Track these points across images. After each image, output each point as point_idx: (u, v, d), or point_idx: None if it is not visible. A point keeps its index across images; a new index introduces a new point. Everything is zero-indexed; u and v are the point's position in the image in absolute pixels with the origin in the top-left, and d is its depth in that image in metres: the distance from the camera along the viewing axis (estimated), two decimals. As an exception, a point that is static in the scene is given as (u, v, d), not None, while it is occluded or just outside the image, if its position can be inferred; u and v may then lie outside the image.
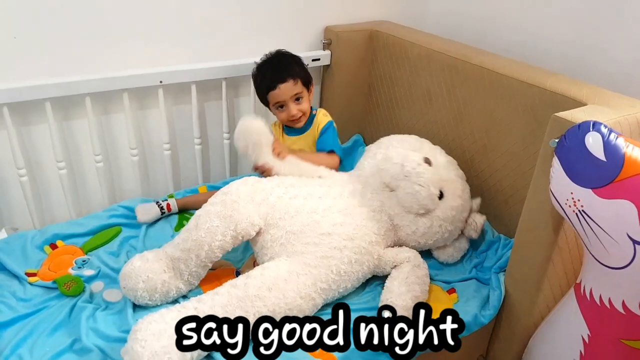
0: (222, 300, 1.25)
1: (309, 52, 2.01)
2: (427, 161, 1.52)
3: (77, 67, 1.60)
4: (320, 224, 1.42)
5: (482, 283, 1.53)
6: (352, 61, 2.02)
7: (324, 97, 2.14)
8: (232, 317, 1.20)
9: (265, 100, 1.73)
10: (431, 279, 1.51)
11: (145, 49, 1.70)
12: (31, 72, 1.54)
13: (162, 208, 1.72)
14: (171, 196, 1.82)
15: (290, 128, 1.79)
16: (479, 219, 1.59)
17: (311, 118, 1.79)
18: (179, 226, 1.73)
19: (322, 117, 1.78)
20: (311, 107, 1.79)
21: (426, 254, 1.60)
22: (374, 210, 1.52)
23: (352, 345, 1.24)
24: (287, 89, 1.68)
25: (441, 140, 1.79)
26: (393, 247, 1.54)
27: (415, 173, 1.46)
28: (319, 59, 1.99)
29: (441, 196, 1.53)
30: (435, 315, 1.36)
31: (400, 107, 1.96)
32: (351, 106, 2.11)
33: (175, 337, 1.13)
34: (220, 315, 1.21)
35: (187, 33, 1.76)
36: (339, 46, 1.98)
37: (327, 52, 2.01)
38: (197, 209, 1.48)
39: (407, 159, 1.49)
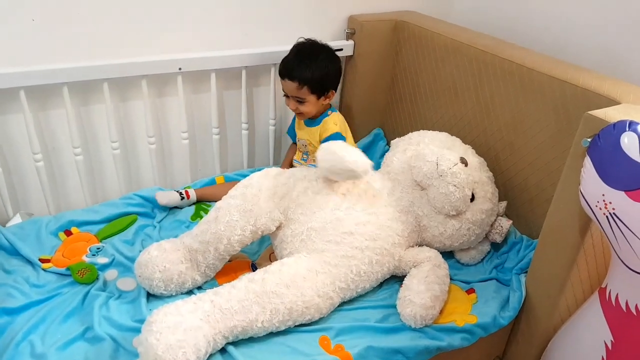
0: (239, 295, 1.22)
1: (331, 41, 1.95)
2: (464, 161, 1.47)
3: (95, 52, 1.59)
4: (343, 222, 1.38)
5: (502, 284, 1.50)
6: (376, 52, 1.98)
7: (345, 88, 2.10)
8: (248, 312, 1.20)
9: None
10: (450, 278, 1.48)
11: (165, 35, 1.67)
12: (48, 55, 1.53)
13: (181, 194, 1.72)
14: (189, 187, 1.80)
15: None
16: (505, 223, 1.55)
17: (322, 116, 1.78)
18: (196, 216, 1.72)
19: (331, 125, 1.77)
20: (329, 106, 1.79)
21: (446, 254, 1.57)
22: (401, 210, 1.48)
23: (368, 344, 1.23)
24: (290, 86, 1.68)
25: (466, 137, 1.74)
26: (414, 247, 1.51)
27: (450, 173, 1.41)
28: (341, 49, 1.95)
29: (472, 198, 1.49)
30: (453, 316, 1.35)
31: (424, 101, 1.91)
32: (373, 98, 2.07)
33: (190, 330, 1.12)
34: (236, 309, 1.20)
35: (207, 20, 1.73)
36: (363, 36, 1.94)
37: (350, 42, 1.97)
38: (215, 201, 1.46)
39: (442, 157, 1.44)
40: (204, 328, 1.15)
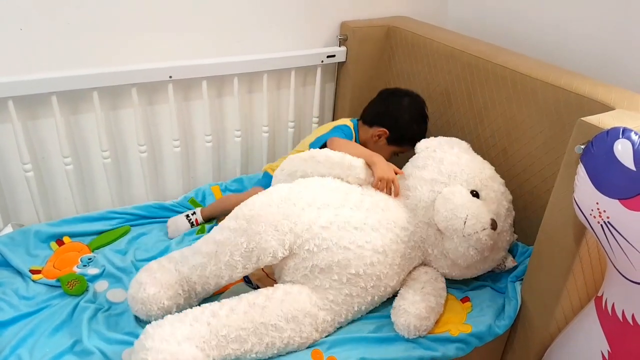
0: (237, 322, 1.17)
1: (324, 48, 1.97)
2: (494, 226, 1.35)
3: (84, 60, 1.57)
4: (352, 262, 1.29)
5: (496, 291, 1.49)
6: (369, 58, 1.97)
7: (338, 94, 2.09)
8: (244, 342, 1.17)
9: None
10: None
11: (155, 43, 1.66)
12: (37, 65, 1.51)
13: (191, 223, 1.67)
14: (196, 204, 1.79)
15: None
16: (509, 264, 1.50)
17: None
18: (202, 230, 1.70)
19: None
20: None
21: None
22: (412, 247, 1.40)
23: (361, 355, 1.21)
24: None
25: (459, 143, 1.73)
26: None
27: (476, 238, 1.33)
28: (334, 55, 1.95)
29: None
30: (448, 326, 1.33)
31: (417, 107, 1.90)
32: (366, 104, 2.03)
33: None
34: (233, 337, 1.16)
35: (198, 27, 1.71)
36: (355, 42, 1.93)
37: (343, 48, 1.96)
38: (224, 214, 1.40)
39: (472, 218, 1.32)
40: (198, 358, 1.11)
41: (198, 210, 1.70)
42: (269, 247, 1.26)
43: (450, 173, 1.43)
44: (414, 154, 1.56)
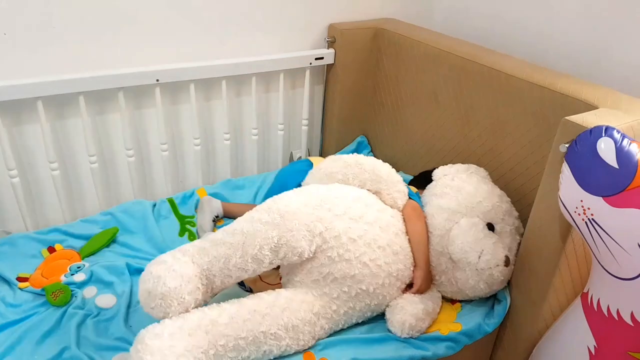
0: (236, 330, 1.15)
1: (312, 50, 1.97)
2: (507, 262, 1.35)
3: (70, 64, 1.56)
4: (366, 279, 1.29)
5: (487, 291, 1.49)
6: (357, 60, 1.98)
7: (327, 97, 2.10)
8: (242, 351, 1.16)
9: None
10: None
11: (141, 46, 1.65)
12: (22, 70, 1.50)
13: (215, 223, 1.71)
14: (173, 204, 1.79)
15: None
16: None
17: None
18: (183, 231, 1.70)
19: None
20: None
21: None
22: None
23: (352, 356, 1.22)
24: None
25: (447, 143, 1.75)
26: None
27: (489, 274, 1.33)
28: (322, 58, 1.95)
29: None
30: (438, 325, 1.34)
31: (406, 108, 1.91)
32: (355, 106, 2.07)
33: None
34: (231, 347, 1.14)
35: (185, 30, 1.71)
36: (343, 44, 1.94)
37: (331, 50, 1.96)
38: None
39: (487, 252, 1.32)
40: None
41: (220, 209, 1.73)
42: (298, 247, 1.24)
43: (468, 204, 1.42)
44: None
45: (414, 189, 1.56)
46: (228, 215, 1.75)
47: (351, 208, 1.34)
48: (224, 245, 1.22)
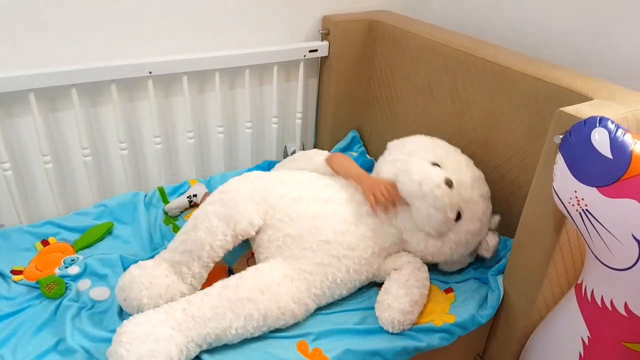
0: (212, 302, 1.20)
1: (306, 42, 1.96)
2: (448, 182, 1.38)
3: (61, 57, 1.55)
4: (321, 230, 1.36)
5: (480, 282, 1.50)
6: (351, 52, 1.97)
7: (321, 89, 2.09)
8: (222, 319, 1.18)
9: None
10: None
11: (134, 38, 1.64)
12: (13, 62, 1.49)
13: (190, 201, 1.73)
14: (163, 194, 1.78)
15: None
16: (492, 240, 1.50)
17: None
18: (168, 220, 1.70)
19: None
20: None
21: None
22: (383, 221, 1.45)
23: (346, 347, 1.22)
24: None
25: (442, 135, 1.73)
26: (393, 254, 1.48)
27: (432, 196, 1.36)
28: (316, 50, 1.94)
29: (458, 217, 1.43)
30: (431, 316, 1.35)
31: (401, 101, 1.91)
32: (349, 99, 2.06)
33: (161, 340, 1.10)
34: (210, 316, 1.18)
35: (178, 22, 1.70)
36: (338, 37, 1.92)
37: (325, 42, 1.95)
38: None
39: (426, 177, 1.37)
40: (176, 337, 1.12)
41: (202, 194, 1.72)
42: (245, 212, 1.34)
43: (410, 152, 1.53)
44: None
45: None
46: None
47: (288, 178, 1.48)
48: (181, 234, 1.35)
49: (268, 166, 1.97)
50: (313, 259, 1.33)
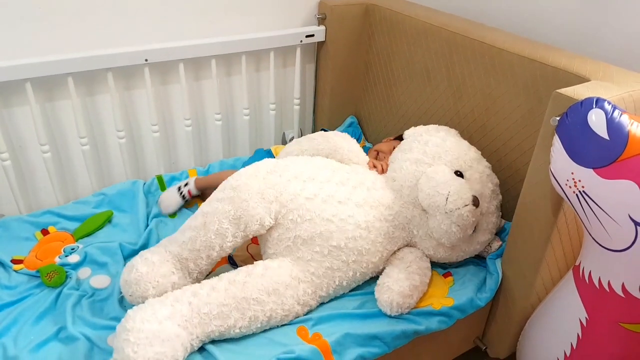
0: (219, 298, 1.19)
1: (302, 27, 1.94)
2: (476, 203, 1.35)
3: (57, 45, 1.54)
4: (334, 235, 1.32)
5: (479, 266, 1.51)
6: (348, 37, 1.95)
7: (318, 75, 2.08)
8: (227, 318, 1.18)
9: None
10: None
11: (129, 25, 1.63)
12: (9, 51, 1.48)
13: (183, 196, 1.66)
14: (161, 181, 1.77)
15: None
16: (494, 245, 1.49)
17: None
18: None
19: None
20: None
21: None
22: (396, 226, 1.41)
23: (346, 331, 1.23)
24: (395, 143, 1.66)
25: (439, 120, 1.74)
26: None
27: (458, 214, 1.32)
28: (313, 35, 1.93)
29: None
30: (430, 300, 1.35)
31: (398, 85, 1.90)
32: (347, 84, 2.05)
33: (168, 340, 1.10)
34: (215, 314, 1.17)
35: (173, 8, 1.69)
36: (334, 21, 1.91)
37: (322, 27, 1.94)
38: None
39: (454, 194, 1.32)
40: (181, 335, 1.12)
41: (192, 180, 1.67)
42: (256, 214, 1.29)
43: (434, 154, 1.44)
44: None
45: None
46: (207, 188, 1.68)
47: (303, 171, 1.39)
48: (189, 229, 1.30)
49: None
50: (323, 262, 1.31)
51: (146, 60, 1.64)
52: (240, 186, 1.31)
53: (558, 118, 1.12)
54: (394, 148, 1.59)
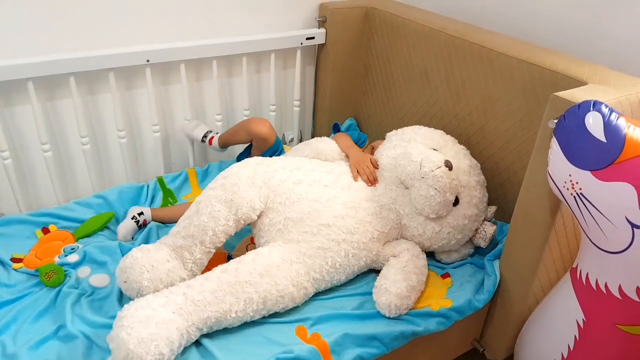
0: (212, 286, 1.22)
1: (303, 30, 1.95)
2: (448, 164, 1.42)
3: (60, 45, 1.55)
4: (321, 214, 1.38)
5: (477, 267, 1.51)
6: (348, 40, 1.97)
7: (318, 77, 2.09)
8: (221, 303, 1.19)
9: None
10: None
11: (131, 26, 1.64)
12: (11, 50, 1.49)
13: (138, 222, 1.60)
14: (163, 184, 1.78)
15: None
16: (489, 229, 1.51)
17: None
18: (165, 202, 1.72)
19: None
20: None
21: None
22: (382, 206, 1.46)
23: (344, 331, 1.23)
24: None
25: (438, 122, 1.75)
26: (392, 241, 1.49)
27: (432, 176, 1.39)
28: (313, 38, 1.94)
29: (456, 202, 1.45)
30: (429, 301, 1.36)
31: (397, 88, 1.91)
32: (347, 87, 2.06)
33: (162, 323, 1.11)
34: (210, 300, 1.19)
35: (175, 9, 1.70)
36: (334, 24, 1.92)
37: (322, 30, 1.95)
38: (172, 223, 1.49)
39: (427, 159, 1.41)
40: (176, 321, 1.14)
41: (147, 210, 1.63)
42: (246, 196, 1.35)
43: (410, 138, 1.56)
44: None
45: None
46: (163, 221, 1.64)
47: (290, 163, 1.50)
48: (183, 219, 1.35)
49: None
50: (313, 242, 1.35)
51: (148, 60, 1.65)
52: (230, 175, 1.39)
53: (556, 121, 1.12)
54: None
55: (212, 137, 1.80)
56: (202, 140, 1.79)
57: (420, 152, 1.44)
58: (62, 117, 1.65)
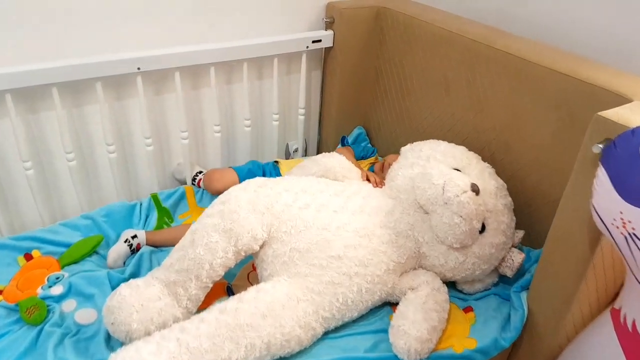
0: (209, 330, 1.10)
1: (309, 32, 1.85)
2: (475, 188, 1.29)
3: (41, 53, 1.43)
4: (331, 244, 1.24)
5: (501, 298, 1.40)
6: (358, 42, 1.86)
7: (325, 83, 1.99)
8: (220, 350, 1.08)
9: None
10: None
11: (120, 31, 1.52)
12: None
13: (131, 247, 1.48)
14: (157, 201, 1.66)
15: None
16: (517, 258, 1.38)
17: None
18: (160, 224, 1.61)
19: None
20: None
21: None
22: (399, 233, 1.32)
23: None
24: None
25: (457, 134, 1.64)
26: (409, 271, 1.36)
27: (457, 202, 1.25)
28: (320, 40, 1.83)
29: (482, 229, 1.32)
30: (451, 340, 1.25)
31: (412, 96, 1.79)
32: (355, 94, 1.97)
33: None
34: (206, 347, 1.07)
35: (168, 12, 1.58)
36: (343, 25, 1.82)
37: (330, 32, 1.84)
38: (168, 246, 1.37)
39: (450, 182, 1.27)
40: None
41: (142, 233, 1.51)
42: (247, 225, 1.22)
43: (428, 156, 1.43)
44: None
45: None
46: (158, 244, 1.53)
47: (294, 184, 1.36)
48: (177, 250, 1.24)
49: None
50: (322, 277, 1.22)
51: (139, 68, 1.54)
52: (229, 199, 1.26)
53: (601, 146, 1.00)
54: None
55: (200, 179, 1.75)
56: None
57: (443, 173, 1.31)
58: (45, 131, 1.53)
